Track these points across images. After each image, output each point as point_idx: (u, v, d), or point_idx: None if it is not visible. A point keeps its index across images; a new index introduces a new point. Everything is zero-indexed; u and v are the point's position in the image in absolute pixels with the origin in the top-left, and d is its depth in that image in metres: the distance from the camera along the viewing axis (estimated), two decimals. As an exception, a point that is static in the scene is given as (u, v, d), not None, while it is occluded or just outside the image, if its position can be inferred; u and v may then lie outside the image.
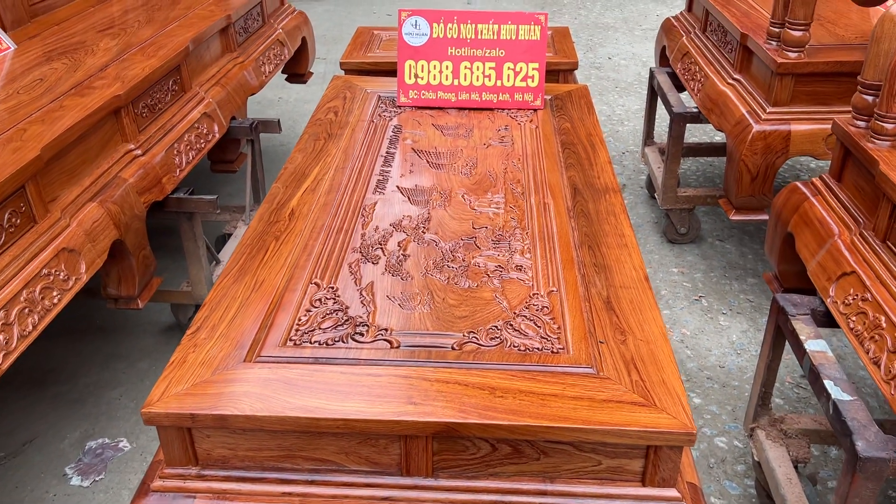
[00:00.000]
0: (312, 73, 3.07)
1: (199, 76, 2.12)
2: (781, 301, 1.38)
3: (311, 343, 1.19)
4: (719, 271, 2.32)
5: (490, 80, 2.07)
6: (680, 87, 2.51)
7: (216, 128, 2.05)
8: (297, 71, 2.99)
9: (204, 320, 1.24)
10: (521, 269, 1.38)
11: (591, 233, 1.49)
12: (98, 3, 2.39)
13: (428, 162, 1.78)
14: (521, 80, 2.07)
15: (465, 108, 2.08)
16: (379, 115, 2.03)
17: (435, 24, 2.05)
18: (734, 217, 2.01)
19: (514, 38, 2.06)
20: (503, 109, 2.07)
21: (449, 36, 2.06)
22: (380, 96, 2.15)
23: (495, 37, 2.06)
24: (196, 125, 1.96)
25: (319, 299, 1.29)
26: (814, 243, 1.47)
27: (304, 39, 2.89)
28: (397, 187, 1.66)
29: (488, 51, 2.06)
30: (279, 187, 1.66)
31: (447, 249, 1.44)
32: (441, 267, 1.38)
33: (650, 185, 2.63)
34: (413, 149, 1.84)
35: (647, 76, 3.81)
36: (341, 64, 2.47)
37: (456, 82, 2.07)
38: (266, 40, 2.55)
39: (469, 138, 1.90)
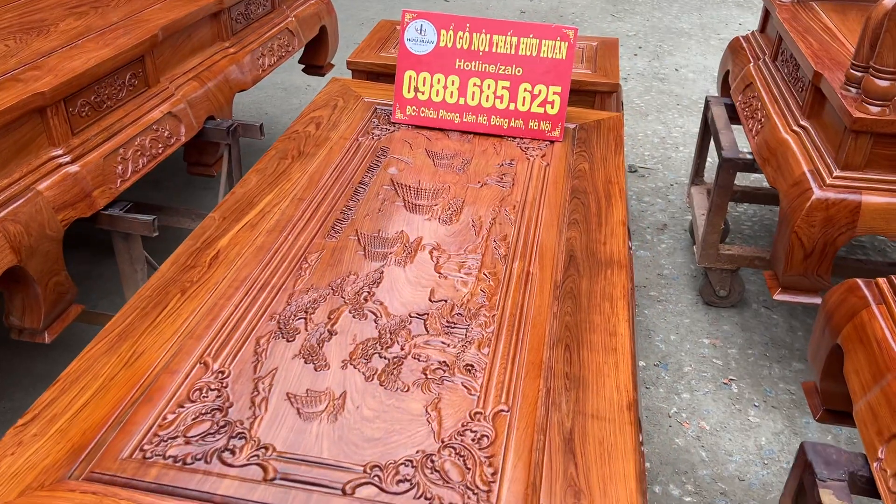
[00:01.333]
0: (334, 66, 2.79)
1: (174, 68, 1.86)
2: (811, 453, 1.04)
3: (163, 458, 0.91)
4: (759, 348, 1.95)
5: (502, 102, 1.74)
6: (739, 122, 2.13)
7: (182, 130, 1.79)
8: (315, 62, 2.71)
9: (45, 406, 0.97)
10: (470, 371, 1.07)
11: (575, 324, 1.17)
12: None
13: (404, 200, 1.48)
14: (539, 106, 1.74)
15: (469, 133, 1.76)
16: (368, 132, 1.73)
17: (443, 31, 1.74)
18: (779, 296, 1.64)
19: (535, 54, 1.73)
20: (513, 138, 1.75)
21: (458, 46, 1.74)
22: (377, 108, 1.85)
23: (513, 51, 1.73)
24: (155, 126, 1.70)
25: (201, 389, 1.01)
26: (867, 372, 1.12)
27: (323, 28, 2.61)
28: (356, 232, 1.37)
29: (503, 67, 1.74)
30: (214, 219, 1.38)
31: (387, 329, 1.14)
32: (370, 356, 1.09)
33: (694, 230, 2.26)
34: (393, 181, 1.54)
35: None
36: (348, 63, 2.18)
37: (462, 101, 1.75)
38: (272, 29, 2.28)
39: (463, 172, 1.59)
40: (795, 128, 1.71)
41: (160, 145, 1.71)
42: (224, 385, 1.02)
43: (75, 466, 0.89)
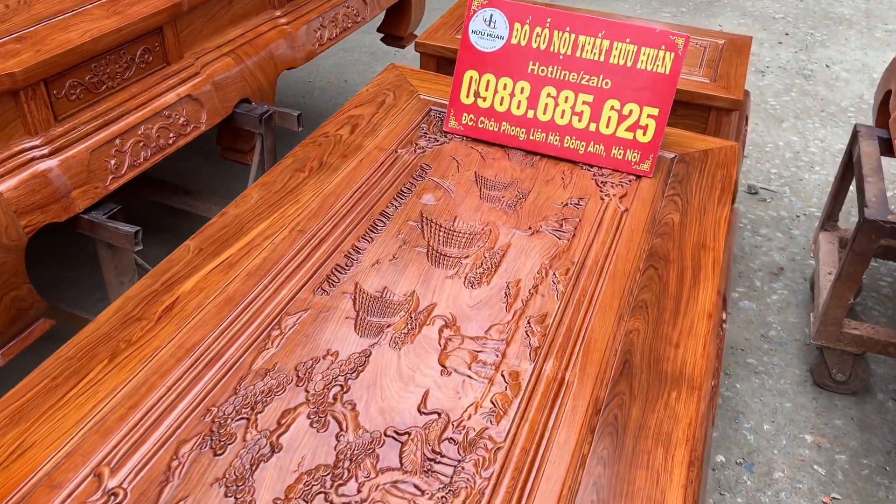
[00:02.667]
0: (416, 37, 2.46)
1: (205, 41, 1.60)
2: None
3: None
4: (879, 458, 1.54)
5: (580, 121, 1.38)
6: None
7: (204, 116, 1.54)
8: (395, 32, 2.40)
9: None
10: (441, 543, 0.77)
11: (608, 481, 0.84)
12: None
13: (429, 246, 1.17)
14: (627, 130, 1.37)
15: (534, 154, 1.42)
16: (411, 142, 1.42)
17: (517, 25, 1.39)
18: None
19: (630, 64, 1.35)
20: (590, 167, 1.39)
21: (534, 45, 1.39)
22: (432, 110, 1.53)
23: (602, 58, 1.36)
24: (167, 112, 1.46)
25: (79, 520, 0.76)
26: None
27: (406, -6, 2.29)
28: (355, 287, 1.08)
29: (587, 77, 1.37)
30: (188, 249, 1.12)
31: (348, 452, 0.85)
32: (313, 495, 0.80)
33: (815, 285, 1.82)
34: (422, 215, 1.23)
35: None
36: (416, 44, 1.86)
37: (531, 114, 1.40)
38: (339, -6, 1.98)
39: (514, 211, 1.26)
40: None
41: (171, 135, 1.47)
42: (110, 517, 0.77)
43: None
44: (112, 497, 0.79)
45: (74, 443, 0.84)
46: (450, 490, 0.82)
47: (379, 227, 1.20)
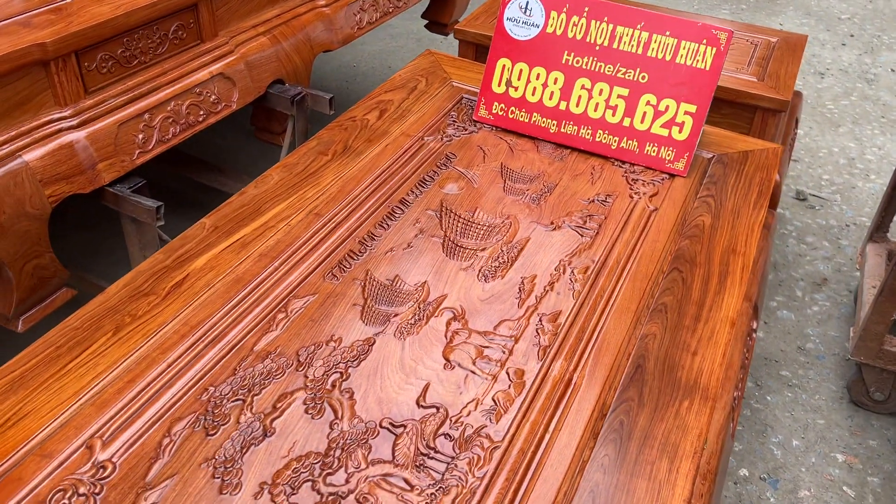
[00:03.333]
0: (460, 24, 2.43)
1: (241, 21, 1.59)
2: None
3: None
4: (917, 480, 1.46)
5: (614, 115, 1.34)
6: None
7: (236, 95, 1.54)
8: (439, 19, 2.37)
9: None
10: (425, 542, 0.74)
11: (606, 490, 0.80)
12: None
13: (445, 236, 1.14)
14: (663, 126, 1.32)
15: (565, 147, 1.38)
16: (439, 130, 1.39)
17: (553, 13, 1.35)
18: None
19: (669, 58, 1.30)
20: (621, 163, 1.34)
21: (570, 35, 1.34)
22: (463, 98, 1.50)
23: (640, 50, 1.31)
24: (198, 89, 1.46)
25: (65, 490, 0.76)
26: None
27: (452, -19, 2.25)
28: (366, 274, 1.06)
29: (624, 70, 1.32)
30: (203, 226, 1.12)
31: (340, 441, 0.83)
32: (300, 483, 0.79)
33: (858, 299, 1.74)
34: (443, 205, 1.21)
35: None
36: (455, 31, 1.83)
37: (563, 105, 1.36)
38: (382, -22, 1.96)
39: (537, 205, 1.22)
40: None
41: (201, 112, 1.47)
42: (97, 489, 0.77)
43: None
44: (100, 470, 0.78)
45: (70, 414, 0.84)
46: (440, 487, 0.79)
47: (397, 215, 1.18)
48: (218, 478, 0.79)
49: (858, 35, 3.33)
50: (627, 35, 1.31)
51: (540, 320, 1.01)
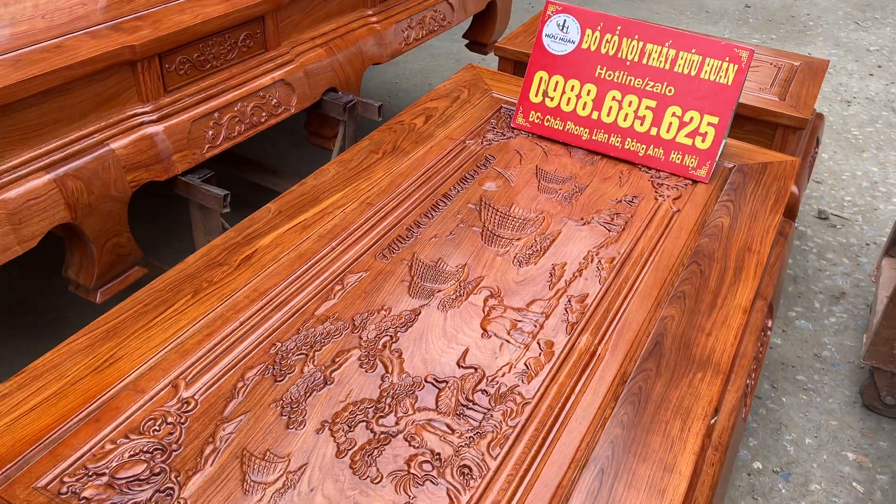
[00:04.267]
0: (499, 45, 2.57)
1: (301, 33, 1.74)
2: None
3: (77, 498, 0.80)
4: (925, 480, 1.53)
5: (642, 124, 1.45)
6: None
7: (294, 100, 1.68)
8: (479, 39, 2.51)
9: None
10: (465, 476, 0.85)
11: (624, 442, 0.90)
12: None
13: (483, 227, 1.26)
14: (687, 136, 1.43)
15: (596, 154, 1.49)
16: (480, 135, 1.52)
17: (588, 31, 1.47)
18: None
19: (694, 73, 1.41)
20: (648, 169, 1.45)
21: (603, 51, 1.46)
22: (502, 108, 1.63)
23: (668, 66, 1.43)
24: (262, 93, 1.60)
25: (156, 419, 0.89)
26: None
27: (492, 3, 2.39)
28: (412, 256, 1.18)
29: (652, 83, 1.44)
30: (269, 210, 1.25)
31: (391, 391, 0.95)
32: (356, 423, 0.90)
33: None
34: (482, 200, 1.33)
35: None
36: (494, 48, 1.96)
37: (595, 115, 1.48)
38: (428, -1, 2.11)
39: (569, 203, 1.34)
40: None
41: (264, 114, 1.61)
42: (183, 420, 0.89)
43: (-14, 483, 0.81)
44: (185, 404, 0.91)
45: (157, 359, 0.97)
46: (477, 432, 0.90)
47: (440, 207, 1.31)
48: (285, 416, 0.91)
49: (886, 66, 3.42)
50: (656, 52, 1.43)
51: (569, 301, 1.12)
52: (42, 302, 1.84)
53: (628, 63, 1.45)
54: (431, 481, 0.85)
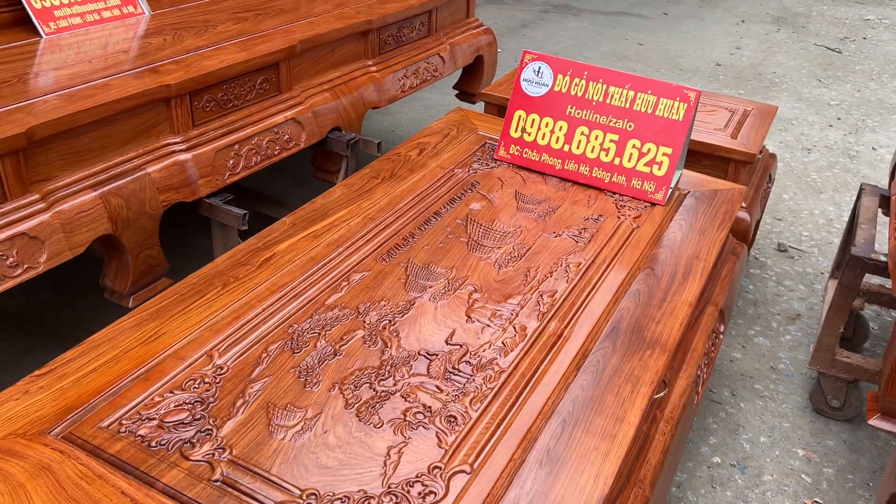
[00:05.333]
0: (486, 95, 2.82)
1: (311, 78, 1.98)
2: None
3: (134, 435, 0.98)
4: (863, 476, 1.70)
5: (607, 155, 1.68)
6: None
7: (304, 136, 1.90)
8: (468, 89, 2.76)
9: (61, 364, 1.08)
10: (451, 423, 1.04)
11: (583, 400, 1.09)
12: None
13: (469, 237, 1.47)
14: (645, 165, 1.65)
15: (567, 181, 1.71)
16: (467, 165, 1.74)
17: (560, 76, 1.71)
18: (874, 422, 1.42)
19: (650, 111, 1.64)
20: (612, 193, 1.67)
21: (573, 93, 1.70)
22: (486, 143, 1.85)
23: (627, 105, 1.66)
24: (276, 129, 1.83)
25: (195, 379, 1.07)
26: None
27: (479, 58, 2.65)
28: (408, 260, 1.38)
29: (615, 120, 1.67)
30: (285, 223, 1.46)
31: (390, 361, 1.13)
32: (360, 384, 1.09)
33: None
34: (469, 216, 1.54)
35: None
36: (481, 95, 2.20)
37: (566, 148, 1.70)
38: (422, 52, 2.36)
39: (544, 220, 1.55)
40: (939, 235, 1.48)
41: (277, 147, 1.83)
42: (217, 380, 1.07)
43: (60, 424, 0.98)
44: (218, 369, 1.09)
45: (194, 335, 1.15)
46: (462, 392, 1.09)
47: (432, 222, 1.51)
48: (302, 378, 1.09)
49: (844, 118, 3.70)
50: (617, 93, 1.67)
51: (541, 296, 1.32)
52: (70, 314, 2.02)
53: (594, 103, 1.68)
54: (423, 427, 1.03)
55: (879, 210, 1.94)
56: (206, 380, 1.07)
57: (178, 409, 1.02)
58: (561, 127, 1.71)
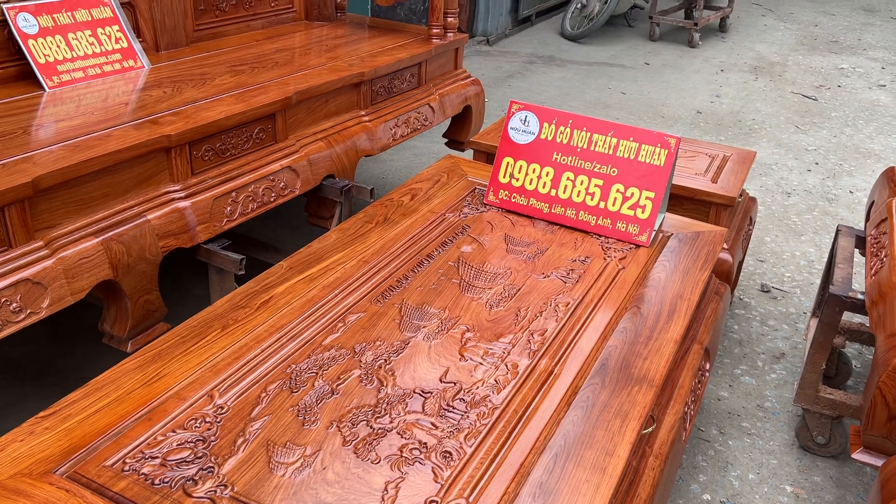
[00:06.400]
0: (475, 143, 2.90)
1: (306, 128, 2.04)
2: None
3: (137, 473, 1.00)
4: (856, 510, 1.73)
5: (592, 199, 1.74)
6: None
7: (299, 184, 1.96)
8: (457, 138, 2.84)
9: (66, 405, 1.11)
10: (446, 459, 1.07)
11: (575, 435, 1.12)
12: (272, 38, 2.45)
13: (461, 279, 1.51)
14: (629, 208, 1.71)
15: (554, 224, 1.77)
16: (457, 210, 1.79)
17: (545, 124, 1.78)
18: (857, 455, 1.45)
19: (633, 157, 1.71)
20: (598, 236, 1.73)
21: (558, 140, 1.77)
22: (476, 188, 1.91)
23: (611, 151, 1.73)
24: (272, 177, 1.88)
25: (197, 418, 1.10)
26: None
27: (468, 108, 2.73)
28: (402, 301, 1.42)
29: (599, 166, 1.73)
30: (281, 267, 1.50)
31: (386, 399, 1.17)
32: (358, 421, 1.12)
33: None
34: (460, 259, 1.58)
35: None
36: (470, 143, 2.27)
37: (553, 192, 1.77)
38: (412, 103, 2.44)
39: (533, 261, 1.60)
40: (912, 273, 1.54)
41: (273, 194, 1.89)
42: (218, 419, 1.10)
43: (66, 464, 1.01)
44: (219, 409, 1.12)
45: (195, 376, 1.18)
46: (456, 428, 1.12)
47: (425, 265, 1.56)
48: (301, 417, 1.12)
49: (822, 163, 3.81)
50: (601, 140, 1.74)
51: (531, 334, 1.36)
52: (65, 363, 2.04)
53: (579, 150, 1.75)
54: (420, 462, 1.06)
55: (856, 250, 2.01)
56: (207, 419, 1.10)
57: (181, 448, 1.05)
58: (547, 173, 1.77)
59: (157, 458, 1.03)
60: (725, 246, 2.05)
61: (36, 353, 2.08)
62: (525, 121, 1.80)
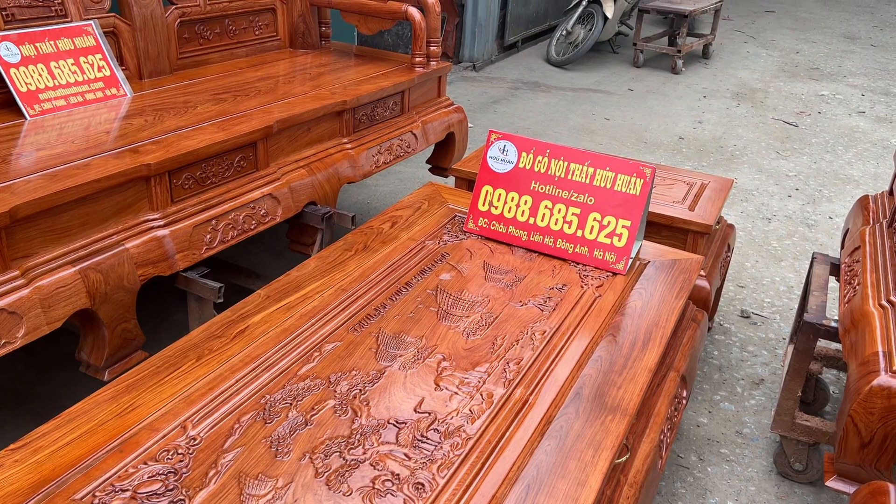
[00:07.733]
0: (458, 169, 2.92)
1: (287, 156, 2.06)
2: None
3: (107, 506, 0.99)
4: (832, 537, 1.73)
5: (570, 228, 1.75)
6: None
7: (280, 211, 1.97)
8: (440, 164, 2.86)
9: (37, 437, 1.10)
10: (418, 490, 1.07)
11: (547, 465, 1.13)
12: (256, 66, 2.47)
13: (439, 307, 1.52)
14: (606, 237, 1.73)
15: (533, 252, 1.78)
16: (437, 237, 1.81)
17: (524, 153, 1.80)
18: (831, 483, 1.46)
19: (609, 186, 1.73)
20: (576, 263, 1.74)
21: (536, 169, 1.79)
22: (456, 216, 1.93)
23: (588, 181, 1.75)
24: (252, 205, 1.89)
25: (169, 450, 1.10)
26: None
27: (451, 135, 2.76)
28: (379, 330, 1.43)
29: (576, 195, 1.75)
30: (259, 296, 1.50)
31: (360, 430, 1.17)
32: (331, 453, 1.12)
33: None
34: (438, 287, 1.59)
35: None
36: (452, 170, 2.29)
37: (531, 220, 1.78)
38: (395, 130, 2.46)
39: (511, 289, 1.61)
40: (884, 302, 1.56)
41: (254, 222, 1.89)
42: (190, 451, 1.10)
43: (34, 497, 1.00)
44: (192, 440, 1.12)
45: (168, 407, 1.18)
46: (429, 459, 1.12)
47: (403, 293, 1.57)
48: (273, 448, 1.12)
49: (802, 189, 3.85)
50: (578, 169, 1.76)
51: (507, 363, 1.37)
52: (43, 390, 2.02)
53: (556, 179, 1.77)
54: (392, 494, 1.06)
55: (832, 277, 2.04)
56: (180, 451, 1.10)
57: (152, 480, 1.04)
58: (526, 201, 1.79)
59: (127, 490, 1.02)
60: (703, 273, 2.07)
61: (13, 380, 2.06)
62: (504, 150, 1.82)
